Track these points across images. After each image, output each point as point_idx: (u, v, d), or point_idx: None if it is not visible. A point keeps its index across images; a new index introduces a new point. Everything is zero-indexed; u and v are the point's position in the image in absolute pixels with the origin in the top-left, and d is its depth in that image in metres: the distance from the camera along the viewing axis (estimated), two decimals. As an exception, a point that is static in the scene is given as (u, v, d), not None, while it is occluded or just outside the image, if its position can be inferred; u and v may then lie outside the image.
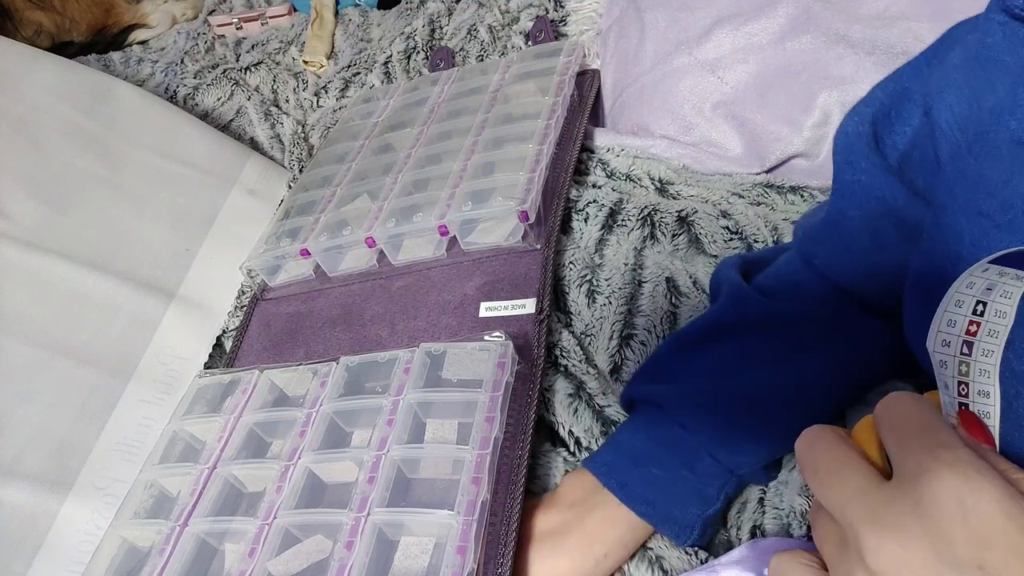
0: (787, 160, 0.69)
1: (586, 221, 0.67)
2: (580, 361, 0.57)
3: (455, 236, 0.66)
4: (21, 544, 0.56)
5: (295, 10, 1.17)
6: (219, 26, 1.16)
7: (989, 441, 0.27)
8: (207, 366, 0.70)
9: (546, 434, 0.55)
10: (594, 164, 0.74)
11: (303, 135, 0.95)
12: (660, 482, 0.45)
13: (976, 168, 0.33)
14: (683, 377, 0.48)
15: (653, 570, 0.46)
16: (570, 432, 0.53)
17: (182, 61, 1.12)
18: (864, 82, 0.65)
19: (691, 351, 0.49)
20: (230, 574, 0.51)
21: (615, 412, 0.53)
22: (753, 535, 0.48)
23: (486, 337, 0.57)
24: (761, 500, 0.48)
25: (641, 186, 0.70)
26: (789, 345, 0.47)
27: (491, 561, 0.45)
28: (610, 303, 0.60)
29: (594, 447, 0.52)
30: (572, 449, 0.53)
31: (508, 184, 0.65)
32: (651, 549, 0.47)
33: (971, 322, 0.27)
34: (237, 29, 1.16)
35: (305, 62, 1.06)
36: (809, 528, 0.45)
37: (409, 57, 0.99)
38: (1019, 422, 0.28)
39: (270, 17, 1.16)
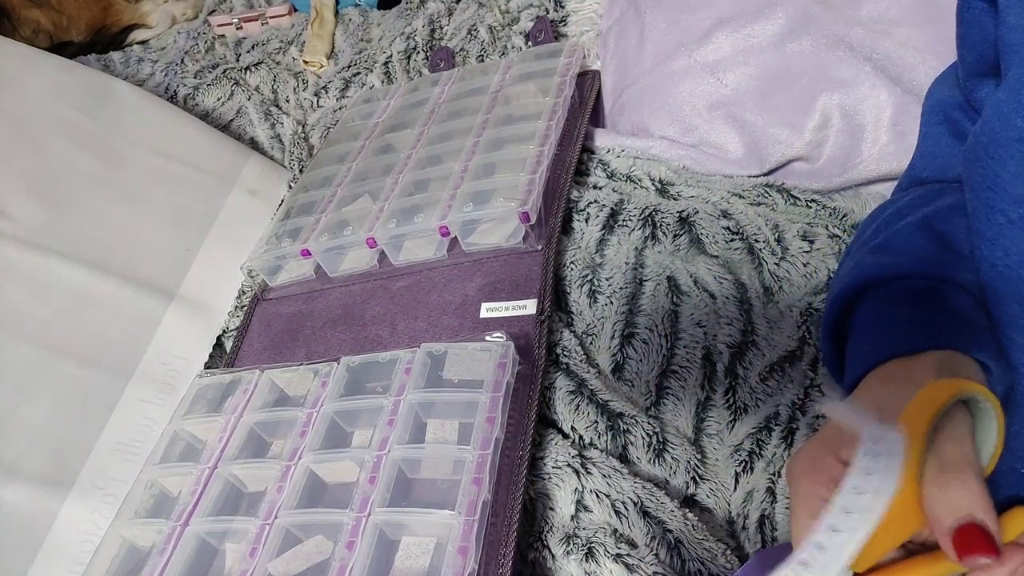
0: (787, 163, 0.70)
1: (587, 221, 0.67)
2: (581, 360, 0.57)
3: (456, 237, 0.66)
4: (22, 544, 0.56)
5: (295, 10, 1.17)
6: (219, 26, 1.16)
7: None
8: (207, 366, 0.70)
9: (547, 433, 0.55)
10: (594, 165, 0.74)
11: (303, 135, 0.95)
12: None
13: (991, 167, 0.33)
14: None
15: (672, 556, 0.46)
16: (572, 428, 0.54)
17: (182, 61, 1.12)
18: (864, 86, 0.65)
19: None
20: (231, 574, 0.51)
21: (618, 406, 0.53)
22: (761, 525, 0.48)
23: (487, 338, 0.57)
24: (771, 489, 0.48)
25: (641, 187, 0.71)
26: None
27: (492, 561, 0.45)
28: (611, 302, 0.60)
29: (597, 443, 0.53)
30: (575, 445, 0.53)
31: (509, 185, 0.65)
32: (671, 532, 0.47)
33: None
34: (237, 29, 1.16)
35: (305, 62, 1.06)
36: None
37: (409, 57, 0.99)
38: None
39: (270, 17, 1.16)
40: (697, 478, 0.51)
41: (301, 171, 0.88)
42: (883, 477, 0.26)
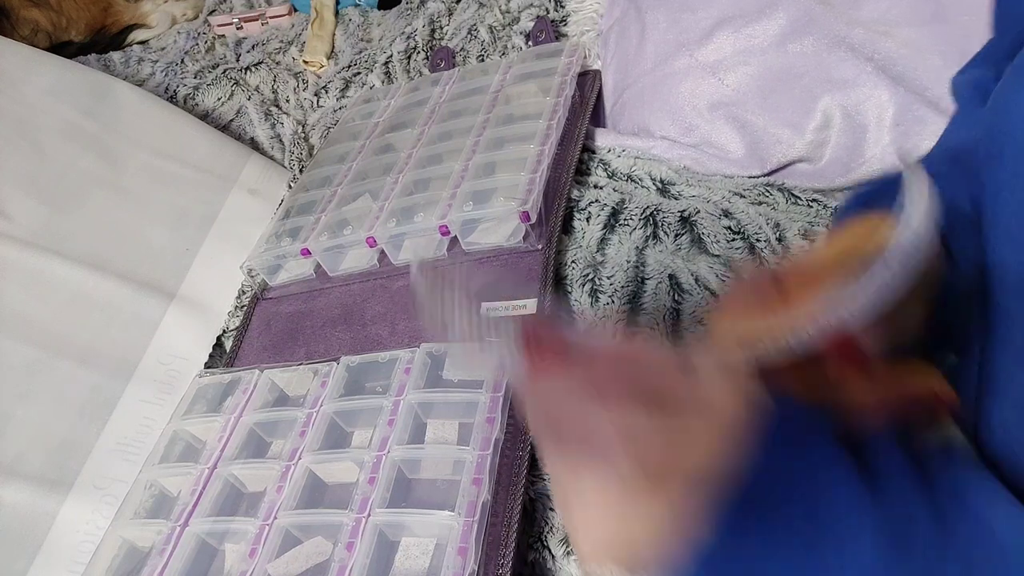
0: (789, 164, 0.69)
1: (588, 221, 0.67)
2: (581, 361, 0.57)
3: (456, 236, 0.66)
4: (21, 543, 0.56)
5: (295, 10, 1.17)
6: (219, 26, 1.16)
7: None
8: (207, 366, 0.70)
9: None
10: (595, 164, 0.74)
11: (303, 135, 0.95)
12: None
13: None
14: None
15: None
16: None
17: (182, 61, 1.12)
18: (866, 86, 0.64)
19: None
20: (230, 575, 0.51)
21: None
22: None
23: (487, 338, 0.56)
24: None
25: (643, 186, 0.70)
26: None
27: (491, 562, 0.45)
28: (613, 301, 0.60)
29: None
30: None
31: (509, 184, 0.65)
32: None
33: None
34: (237, 29, 1.16)
35: (305, 62, 1.06)
36: None
37: (409, 57, 0.99)
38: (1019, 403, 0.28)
39: (270, 17, 1.16)
40: (698, 478, 0.51)
41: (301, 171, 0.88)
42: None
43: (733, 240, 0.62)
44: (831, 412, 0.28)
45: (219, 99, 1.02)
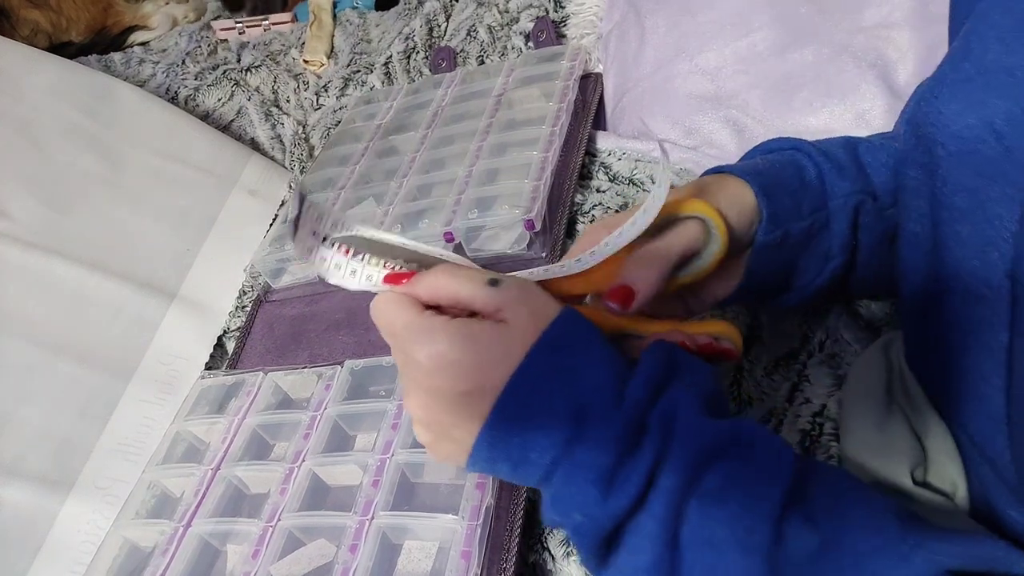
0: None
1: (592, 224, 0.67)
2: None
3: (460, 242, 0.66)
4: (22, 543, 0.56)
5: (297, 19, 1.18)
6: (222, 30, 1.16)
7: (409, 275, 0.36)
8: (208, 367, 0.70)
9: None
10: (596, 168, 0.74)
11: (304, 135, 0.95)
12: None
13: None
14: None
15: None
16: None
17: (183, 62, 1.12)
18: (867, 95, 0.65)
19: None
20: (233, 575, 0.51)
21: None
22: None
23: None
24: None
25: (644, 190, 0.71)
26: None
27: (494, 565, 0.45)
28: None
29: None
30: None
31: (514, 192, 0.65)
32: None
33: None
34: (240, 34, 1.16)
35: (306, 61, 1.06)
36: None
37: (409, 57, 0.99)
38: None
39: (273, 24, 1.16)
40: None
41: (302, 171, 0.88)
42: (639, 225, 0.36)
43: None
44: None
45: (220, 100, 1.02)
